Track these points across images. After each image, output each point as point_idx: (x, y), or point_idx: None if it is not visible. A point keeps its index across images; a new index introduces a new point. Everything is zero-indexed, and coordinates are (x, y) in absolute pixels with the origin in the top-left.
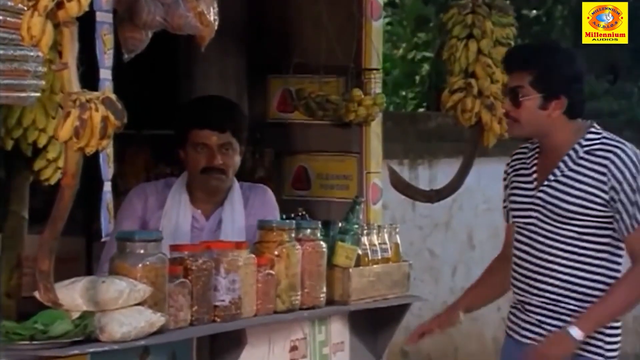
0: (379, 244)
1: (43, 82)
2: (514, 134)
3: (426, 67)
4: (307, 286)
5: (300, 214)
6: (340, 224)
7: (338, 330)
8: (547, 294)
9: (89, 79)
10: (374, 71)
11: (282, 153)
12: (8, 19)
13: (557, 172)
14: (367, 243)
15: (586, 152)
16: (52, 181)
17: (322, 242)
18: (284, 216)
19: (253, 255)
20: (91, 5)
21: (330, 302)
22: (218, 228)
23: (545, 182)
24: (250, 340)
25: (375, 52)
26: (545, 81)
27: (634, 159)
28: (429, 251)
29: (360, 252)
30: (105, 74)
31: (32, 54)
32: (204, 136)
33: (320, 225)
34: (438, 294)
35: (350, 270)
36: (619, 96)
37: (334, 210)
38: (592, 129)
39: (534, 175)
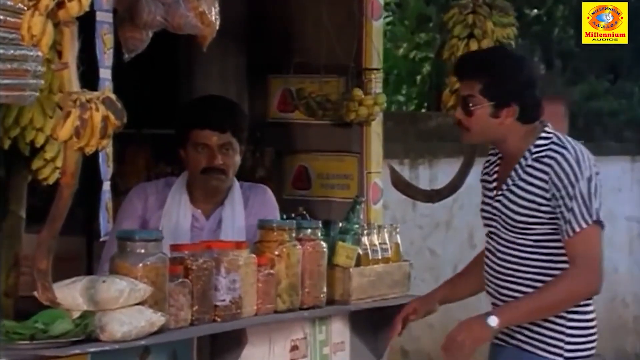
0: (380, 243)
1: (42, 82)
2: (466, 142)
3: (427, 67)
4: (308, 286)
5: (300, 213)
6: (340, 224)
7: (338, 330)
8: (511, 299)
9: (89, 79)
10: (375, 71)
11: (282, 153)
12: (8, 18)
13: (509, 181)
14: (367, 243)
15: (534, 160)
16: (51, 181)
17: (322, 242)
18: (285, 216)
19: (253, 255)
20: (91, 4)
21: (330, 301)
22: (218, 228)
23: (500, 192)
24: (251, 339)
25: (376, 52)
26: (495, 90)
27: (574, 165)
28: (429, 251)
29: (360, 251)
30: (105, 73)
31: (31, 53)
32: (204, 136)
33: (320, 225)
34: None
35: (351, 270)
36: (619, 96)
37: (335, 210)
38: (543, 134)
39: (495, 184)
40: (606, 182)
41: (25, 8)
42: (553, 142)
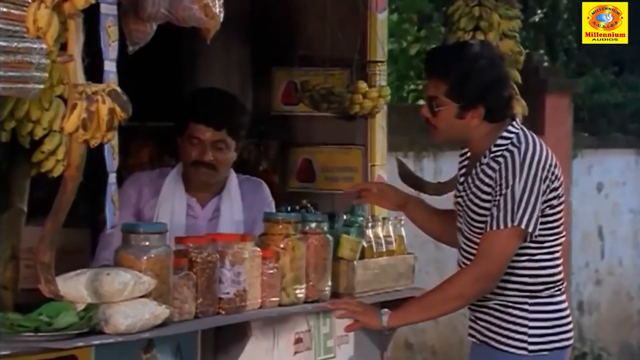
0: (384, 236)
1: (46, 75)
2: (435, 141)
3: None
4: (312, 279)
5: (305, 206)
6: (345, 217)
7: (343, 323)
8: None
9: (93, 72)
10: (379, 63)
11: (286, 145)
12: (12, 11)
13: (469, 180)
14: (371, 235)
15: (490, 158)
16: (56, 173)
17: (327, 235)
18: (289, 208)
19: (258, 248)
20: None
21: (335, 294)
22: (214, 217)
23: (462, 190)
24: (255, 332)
25: (380, 45)
26: (460, 92)
27: (517, 164)
28: (433, 243)
29: (365, 244)
30: (110, 66)
31: (35, 46)
32: (198, 130)
33: (325, 218)
34: None
35: (355, 262)
36: (624, 88)
37: (339, 203)
38: (505, 133)
39: (461, 179)
40: (610, 175)
41: (30, 0)
42: (512, 142)
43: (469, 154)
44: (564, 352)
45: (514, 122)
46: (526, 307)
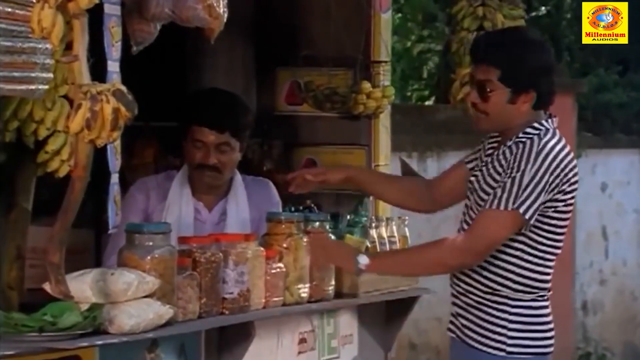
0: (388, 236)
1: (51, 75)
2: (482, 128)
3: (435, 59)
4: (316, 279)
5: (308, 206)
6: (348, 217)
7: (347, 323)
8: (469, 279)
9: (97, 72)
10: (383, 63)
11: (290, 145)
12: (17, 11)
13: (489, 160)
14: (375, 235)
15: (514, 143)
16: (61, 173)
17: (331, 235)
18: (293, 208)
19: (262, 248)
20: None
21: (338, 294)
22: (221, 220)
23: (478, 169)
24: (259, 332)
25: (384, 45)
26: (513, 76)
27: (533, 152)
28: None
29: (368, 244)
30: (113, 66)
31: (40, 46)
32: (201, 133)
33: (329, 218)
34: (447, 286)
35: None
36: (628, 88)
37: (343, 203)
38: (536, 124)
39: (485, 160)
40: (614, 174)
41: (35, 0)
42: (539, 133)
43: (499, 138)
44: (544, 358)
45: (550, 119)
46: (507, 308)
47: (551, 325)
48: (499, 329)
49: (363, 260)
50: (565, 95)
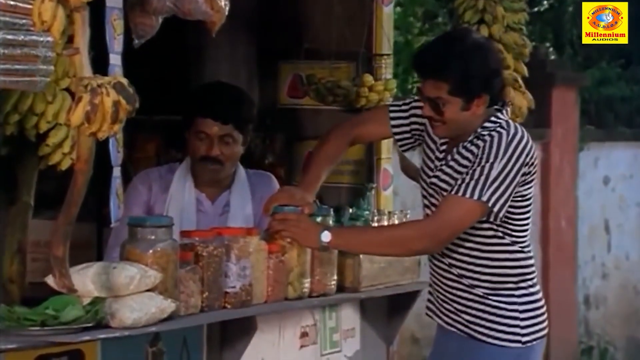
0: None
1: (52, 68)
2: (442, 134)
3: None
4: (318, 273)
5: None
6: (350, 210)
7: (349, 317)
8: (438, 279)
9: (99, 65)
10: (385, 56)
11: (292, 139)
12: (19, 4)
13: (448, 158)
14: None
15: (475, 137)
16: (64, 167)
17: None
18: None
19: (264, 242)
20: None
21: (340, 289)
22: (224, 212)
23: (437, 169)
24: (261, 326)
25: (386, 38)
26: (463, 87)
27: (502, 145)
28: None
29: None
30: (115, 59)
31: (41, 39)
32: (205, 125)
33: (331, 212)
34: None
35: (361, 256)
36: (631, 82)
37: (345, 196)
38: (493, 118)
39: (441, 160)
40: (617, 168)
41: None
42: (500, 125)
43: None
44: (545, 338)
45: (503, 110)
46: (515, 298)
47: (545, 306)
48: (512, 321)
49: (325, 237)
50: (568, 88)
